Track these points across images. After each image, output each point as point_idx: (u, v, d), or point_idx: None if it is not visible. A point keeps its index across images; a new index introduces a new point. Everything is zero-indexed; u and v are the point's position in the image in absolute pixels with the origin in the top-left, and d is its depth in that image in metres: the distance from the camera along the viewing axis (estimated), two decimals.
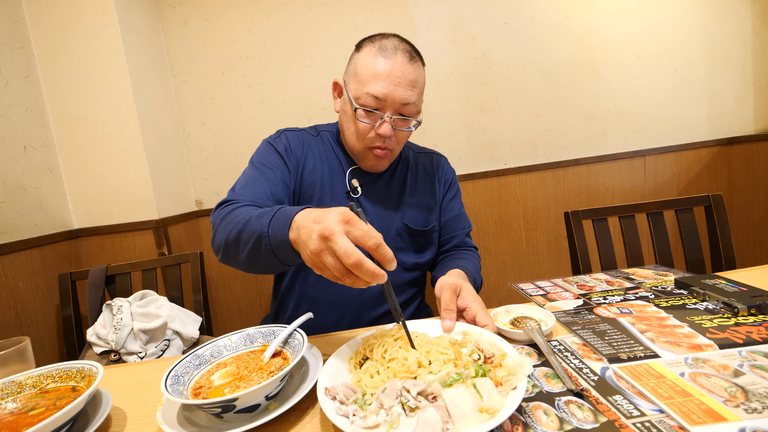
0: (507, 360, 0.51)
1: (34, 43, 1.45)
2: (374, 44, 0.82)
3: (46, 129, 1.46)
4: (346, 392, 0.46)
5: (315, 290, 0.91)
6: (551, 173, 1.81)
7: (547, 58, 1.76)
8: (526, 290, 0.90)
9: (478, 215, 1.80)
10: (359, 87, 0.82)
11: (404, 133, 0.86)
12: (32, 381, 0.59)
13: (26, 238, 1.30)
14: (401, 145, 0.89)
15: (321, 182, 0.91)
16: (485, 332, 0.62)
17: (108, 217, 1.52)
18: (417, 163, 1.01)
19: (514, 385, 0.47)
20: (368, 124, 0.83)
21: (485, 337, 0.60)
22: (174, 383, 0.53)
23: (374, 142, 0.85)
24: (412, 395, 0.44)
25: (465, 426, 0.41)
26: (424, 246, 0.98)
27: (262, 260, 0.63)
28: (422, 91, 0.86)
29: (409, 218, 0.94)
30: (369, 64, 0.81)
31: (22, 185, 1.33)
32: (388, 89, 0.79)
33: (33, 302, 1.31)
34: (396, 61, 0.80)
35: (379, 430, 0.42)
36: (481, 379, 0.46)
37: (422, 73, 0.85)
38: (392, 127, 0.82)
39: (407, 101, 0.81)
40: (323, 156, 0.93)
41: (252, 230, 0.62)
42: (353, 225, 0.48)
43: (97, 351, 1.09)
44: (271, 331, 0.66)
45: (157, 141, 1.58)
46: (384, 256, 0.49)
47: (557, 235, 1.83)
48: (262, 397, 0.50)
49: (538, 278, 1.84)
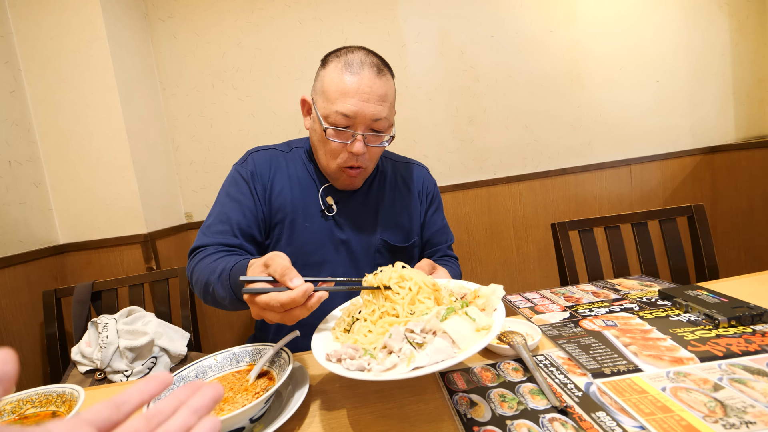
0: (481, 290, 0.60)
1: (21, 58, 1.44)
2: (340, 59, 0.80)
3: (32, 143, 1.44)
4: (349, 352, 0.49)
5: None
6: (540, 182, 1.83)
7: (533, 69, 1.79)
8: (514, 303, 0.91)
9: (469, 224, 1.82)
10: (327, 105, 0.79)
11: (377, 149, 0.84)
12: (11, 407, 0.57)
13: (9, 255, 1.28)
14: (375, 161, 0.87)
15: (292, 203, 0.88)
16: (452, 281, 0.68)
17: (95, 231, 1.50)
18: (396, 174, 0.98)
19: (494, 306, 0.55)
20: (339, 142, 0.81)
21: (453, 284, 0.67)
22: None
23: (347, 162, 0.82)
24: (417, 333, 0.49)
25: (469, 344, 0.48)
26: (406, 261, 0.96)
27: (239, 309, 0.72)
28: (393, 103, 0.84)
29: (388, 234, 0.92)
30: (336, 80, 0.78)
31: (6, 201, 1.31)
32: (357, 106, 0.77)
33: (16, 321, 1.28)
34: (363, 77, 0.77)
35: (398, 368, 0.47)
36: (469, 307, 0.53)
37: (392, 86, 0.83)
38: (364, 144, 0.80)
39: (378, 117, 0.78)
40: (294, 174, 0.90)
41: (218, 295, 0.71)
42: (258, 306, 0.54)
43: (82, 370, 1.07)
44: (258, 350, 0.66)
45: (146, 154, 1.57)
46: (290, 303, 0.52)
47: (547, 243, 1.85)
48: (246, 420, 0.50)
49: (529, 287, 1.86)
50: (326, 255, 0.90)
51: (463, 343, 0.48)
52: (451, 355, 0.46)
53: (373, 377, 0.45)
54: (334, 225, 0.90)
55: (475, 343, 0.47)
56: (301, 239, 0.89)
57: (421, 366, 0.45)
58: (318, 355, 0.52)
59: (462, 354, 0.46)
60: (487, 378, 0.59)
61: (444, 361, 0.46)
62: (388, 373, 0.46)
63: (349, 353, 0.50)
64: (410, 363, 0.46)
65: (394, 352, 0.48)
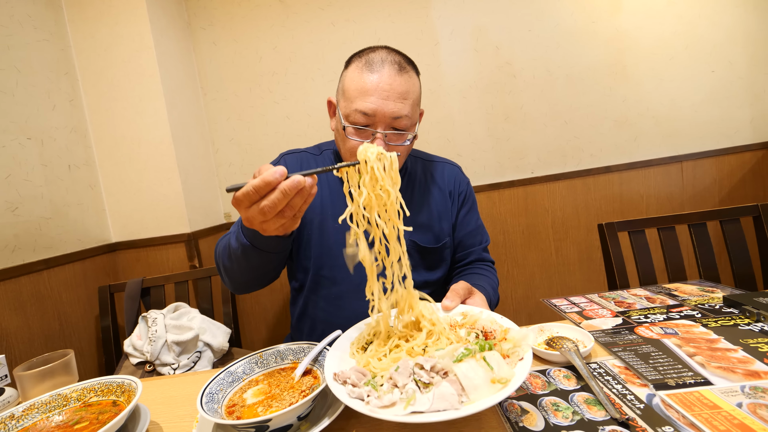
0: (511, 333, 0.53)
1: (78, 69, 1.54)
2: (361, 59, 0.80)
3: (88, 149, 1.55)
4: (356, 376, 0.47)
5: (325, 314, 0.91)
6: (581, 181, 1.75)
7: (574, 63, 1.72)
8: (559, 306, 0.87)
9: (505, 225, 1.77)
10: (348, 104, 0.79)
11: (400, 149, 0.82)
12: (76, 394, 0.61)
13: (69, 252, 1.38)
14: (400, 161, 0.84)
15: (321, 204, 0.89)
16: (485, 311, 0.63)
17: (143, 230, 1.59)
18: (426, 174, 0.96)
19: (520, 356, 0.49)
20: (359, 141, 0.79)
21: (485, 316, 0.61)
22: (209, 401, 0.54)
23: None
24: (426, 371, 0.45)
25: (479, 396, 0.43)
26: (435, 263, 0.94)
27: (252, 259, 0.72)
28: (417, 101, 0.82)
29: (417, 235, 0.90)
30: (356, 79, 0.78)
31: (66, 202, 1.41)
32: (376, 104, 0.76)
33: (75, 313, 1.38)
34: (383, 74, 0.77)
35: (395, 408, 0.43)
36: (490, 353, 0.48)
37: (415, 83, 0.81)
38: (385, 143, 0.79)
39: (398, 114, 0.77)
40: (324, 176, 0.92)
41: (232, 249, 0.73)
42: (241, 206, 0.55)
43: (134, 362, 1.13)
44: (301, 349, 0.66)
45: (188, 157, 1.65)
46: (263, 185, 0.51)
47: (589, 245, 1.76)
48: (294, 417, 0.50)
49: (570, 291, 1.78)
50: None
51: (473, 393, 0.43)
52: (454, 406, 0.42)
53: (368, 412, 0.43)
54: None
55: (485, 398, 0.42)
56: (331, 240, 0.90)
57: (420, 411, 0.42)
58: (328, 371, 0.50)
59: (467, 408, 0.42)
60: (537, 385, 0.57)
61: (445, 411, 0.42)
62: (382, 411, 0.43)
63: (355, 378, 0.48)
64: (409, 405, 0.43)
65: (398, 387, 0.45)
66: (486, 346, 0.49)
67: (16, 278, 1.19)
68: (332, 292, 0.90)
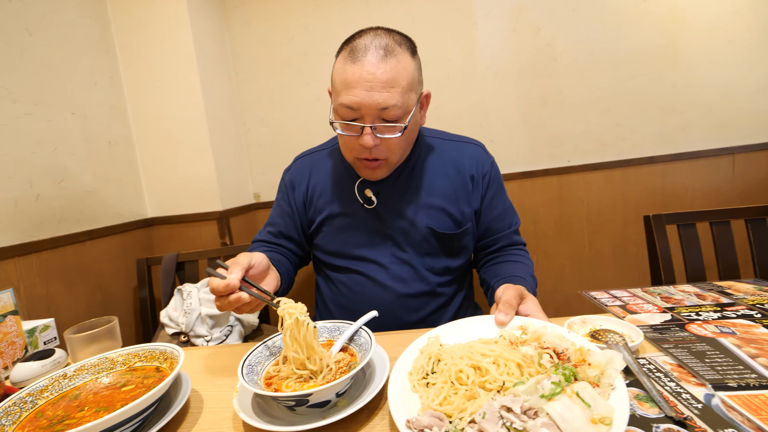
0: (594, 357, 0.46)
1: (118, 46, 1.58)
2: (347, 47, 0.75)
3: (126, 126, 1.59)
4: (431, 422, 0.42)
5: (348, 301, 0.91)
6: (620, 172, 1.66)
7: (620, 46, 1.61)
8: (600, 299, 0.84)
9: (536, 215, 1.71)
10: (335, 98, 0.77)
11: (394, 140, 0.77)
12: (122, 359, 0.63)
13: (110, 225, 1.44)
14: (396, 151, 0.80)
15: (332, 200, 0.90)
16: (549, 325, 0.57)
17: (177, 207, 1.64)
18: (444, 156, 0.90)
19: (611, 384, 0.43)
20: (350, 136, 0.77)
21: (550, 331, 0.55)
22: (249, 372, 0.55)
23: (361, 154, 0.79)
24: (516, 414, 0.40)
25: None
26: (457, 250, 0.90)
27: None
28: (409, 86, 0.74)
29: (434, 221, 0.86)
30: (340, 71, 0.74)
31: (106, 177, 1.46)
32: (359, 96, 0.71)
33: (115, 284, 1.44)
34: (365, 63, 0.71)
35: None
36: (580, 385, 0.41)
37: (406, 67, 0.73)
38: (375, 136, 0.75)
39: (385, 105, 0.71)
40: (334, 172, 0.92)
41: None
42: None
43: (169, 332, 1.17)
44: (336, 327, 0.66)
45: (221, 137, 1.67)
46: (220, 293, 0.61)
47: (625, 239, 1.69)
48: (333, 393, 0.50)
49: (602, 286, 1.72)
50: (371, 248, 0.89)
51: None
52: None
53: None
54: (376, 217, 0.88)
55: None
56: (345, 234, 0.90)
57: None
58: (398, 417, 0.44)
59: None
60: None
61: None
62: None
63: (433, 423, 0.42)
64: None
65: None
66: (571, 375, 0.43)
67: (62, 248, 1.25)
68: (351, 280, 0.90)
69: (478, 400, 0.44)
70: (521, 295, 0.68)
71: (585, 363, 0.46)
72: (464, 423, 0.42)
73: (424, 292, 0.88)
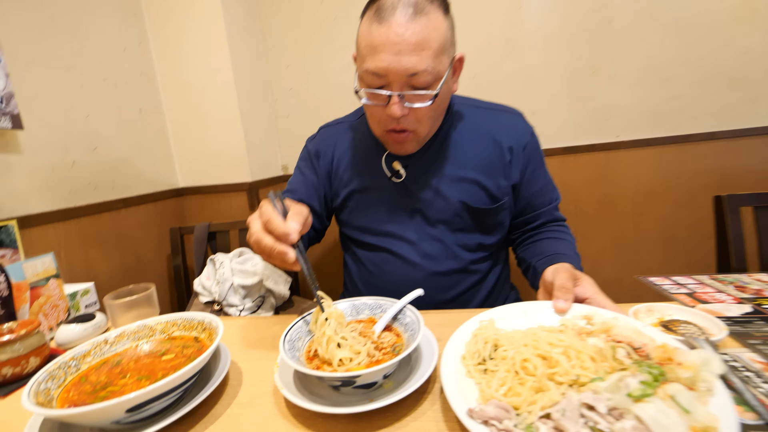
0: (687, 357, 0.40)
1: (146, 11, 1.53)
2: (373, 6, 0.67)
3: (156, 94, 1.57)
4: (498, 414, 0.37)
5: (377, 279, 0.87)
6: (675, 149, 1.52)
7: (686, 6, 1.44)
8: (661, 285, 0.76)
9: (578, 194, 1.61)
10: (360, 65, 0.70)
11: (424, 109, 0.70)
12: (161, 327, 0.62)
13: (143, 194, 1.44)
14: (427, 122, 0.73)
15: (359, 173, 0.85)
16: (620, 316, 0.51)
17: (207, 177, 1.63)
18: (479, 126, 0.83)
19: (708, 387, 0.37)
20: (377, 105, 0.71)
21: (622, 323, 0.49)
22: (290, 348, 0.52)
23: (389, 125, 0.73)
24: (601, 414, 0.35)
25: None
26: (492, 226, 0.84)
27: None
28: (442, 48, 0.66)
29: (468, 195, 0.80)
30: (365, 34, 0.67)
31: (138, 145, 1.46)
32: (386, 62, 0.64)
33: (149, 252, 1.46)
34: (393, 24, 0.63)
35: None
36: (674, 387, 0.36)
37: (438, 26, 0.65)
38: (403, 105, 0.68)
39: (414, 70, 0.65)
40: (360, 144, 0.87)
41: None
42: (260, 209, 0.55)
43: (203, 300, 1.18)
44: (378, 304, 0.63)
45: (250, 106, 1.63)
46: (275, 230, 0.51)
47: (675, 222, 1.57)
48: (380, 376, 0.47)
49: (644, 271, 1.60)
50: (400, 224, 0.84)
51: None
52: None
53: None
54: (405, 191, 0.82)
55: None
56: (371, 209, 0.85)
57: None
58: (456, 403, 0.40)
59: None
60: None
61: None
62: None
63: (500, 414, 0.37)
64: None
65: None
66: (660, 375, 0.38)
67: (99, 215, 1.26)
68: (379, 258, 0.86)
69: (548, 393, 0.40)
70: (575, 276, 0.63)
71: (671, 362, 0.40)
72: (533, 417, 0.38)
73: (455, 270, 0.83)
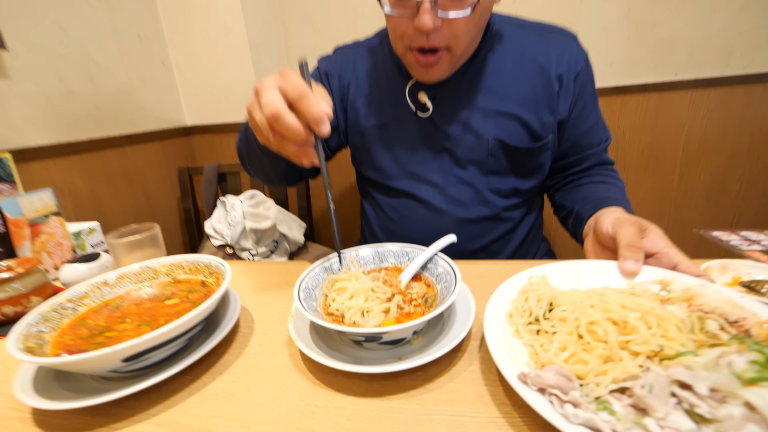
0: None
1: None
2: None
3: (156, 19, 1.42)
4: (559, 382, 0.31)
5: (398, 227, 0.78)
6: (743, 90, 1.32)
7: None
8: (728, 242, 0.66)
9: (621, 141, 1.45)
10: None
11: (461, 22, 0.57)
12: (165, 269, 0.57)
13: (149, 131, 1.36)
14: (463, 38, 0.60)
15: (380, 105, 0.73)
16: (708, 284, 0.42)
17: (217, 115, 1.53)
18: (523, 49, 0.69)
19: None
20: (402, 15, 0.58)
21: (712, 292, 0.40)
22: (306, 297, 0.46)
23: (416, 41, 0.60)
24: (700, 395, 0.27)
25: None
26: (531, 169, 0.73)
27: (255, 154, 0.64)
28: None
29: (506, 132, 0.69)
30: None
31: (139, 76, 1.34)
32: None
33: (159, 193, 1.41)
34: None
35: None
36: None
37: None
38: (435, 15, 0.55)
39: None
40: (382, 72, 0.73)
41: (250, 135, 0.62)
42: (284, 76, 0.41)
43: (215, 243, 1.14)
44: (405, 252, 0.55)
45: (260, 35, 1.47)
46: (306, 110, 0.40)
47: (725, 176, 1.41)
48: (410, 332, 0.40)
49: (686, 228, 1.49)
50: (426, 163, 0.73)
51: None
52: None
53: None
54: (431, 127, 0.71)
55: None
56: (396, 146, 0.73)
57: None
58: (506, 368, 0.33)
59: None
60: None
61: None
62: None
63: (561, 383, 0.31)
64: None
65: (650, 415, 0.28)
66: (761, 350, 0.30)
67: (103, 151, 1.19)
68: (402, 204, 0.77)
69: (621, 364, 0.32)
70: (641, 227, 0.52)
71: None
72: (602, 390, 0.31)
73: (486, 217, 0.74)
